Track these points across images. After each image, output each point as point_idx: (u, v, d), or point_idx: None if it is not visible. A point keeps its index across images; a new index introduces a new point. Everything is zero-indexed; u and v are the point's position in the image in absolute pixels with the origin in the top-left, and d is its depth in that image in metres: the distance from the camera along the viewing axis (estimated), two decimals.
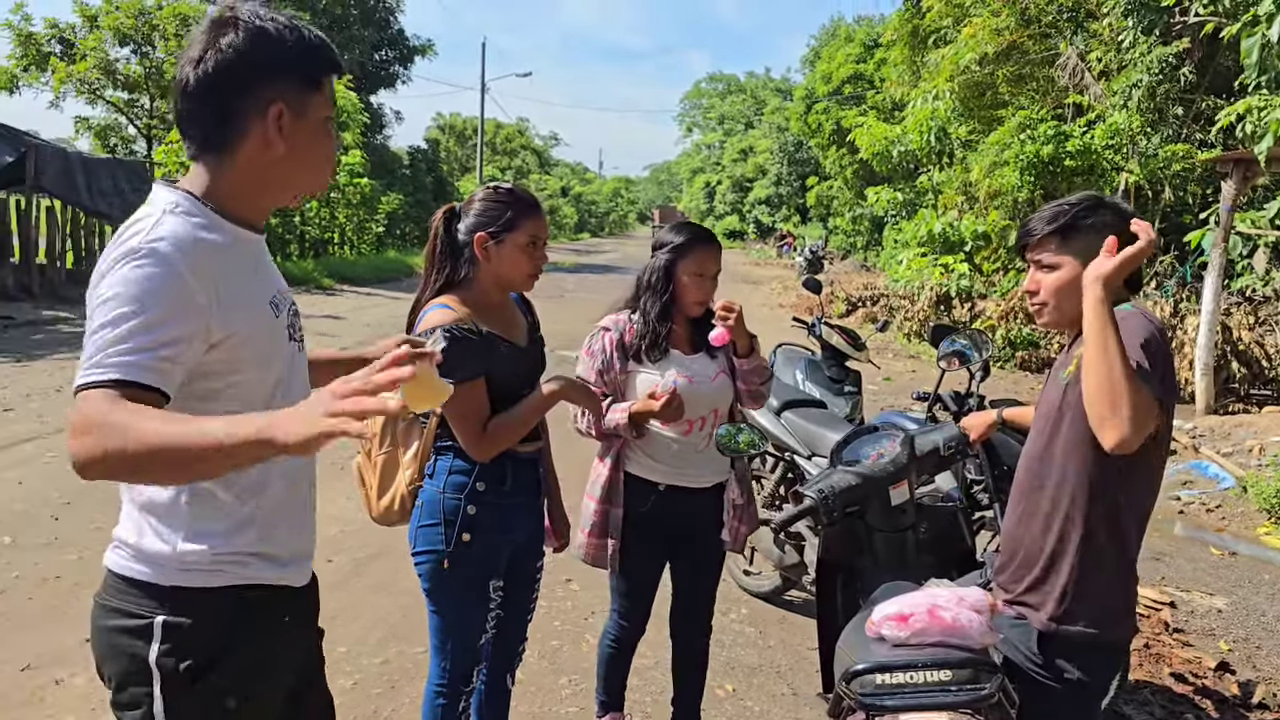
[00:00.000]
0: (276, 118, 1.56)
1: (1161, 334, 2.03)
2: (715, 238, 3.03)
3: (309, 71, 1.61)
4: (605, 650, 3.22)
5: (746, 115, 69.79)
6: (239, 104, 1.55)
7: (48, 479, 6.05)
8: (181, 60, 1.57)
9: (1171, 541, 6.03)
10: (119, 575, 1.61)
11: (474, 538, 2.49)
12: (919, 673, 2.01)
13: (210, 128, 1.57)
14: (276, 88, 1.56)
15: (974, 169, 14.86)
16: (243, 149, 1.58)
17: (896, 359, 13.09)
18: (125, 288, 1.41)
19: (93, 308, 1.43)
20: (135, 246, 1.45)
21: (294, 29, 1.59)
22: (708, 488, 3.03)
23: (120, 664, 1.60)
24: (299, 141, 1.60)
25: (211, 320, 1.49)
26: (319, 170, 1.68)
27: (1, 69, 22.23)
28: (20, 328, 12.41)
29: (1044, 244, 2.17)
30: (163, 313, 1.42)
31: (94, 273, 1.48)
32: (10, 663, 3.74)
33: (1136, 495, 2.11)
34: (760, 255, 43.42)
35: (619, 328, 2.98)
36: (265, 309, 1.64)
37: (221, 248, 1.55)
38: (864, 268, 27.77)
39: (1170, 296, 11.52)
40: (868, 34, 33.48)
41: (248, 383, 1.60)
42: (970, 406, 4.27)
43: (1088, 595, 2.10)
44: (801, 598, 4.75)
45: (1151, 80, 11.69)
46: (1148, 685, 3.95)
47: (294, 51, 1.58)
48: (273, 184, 1.64)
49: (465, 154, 46.65)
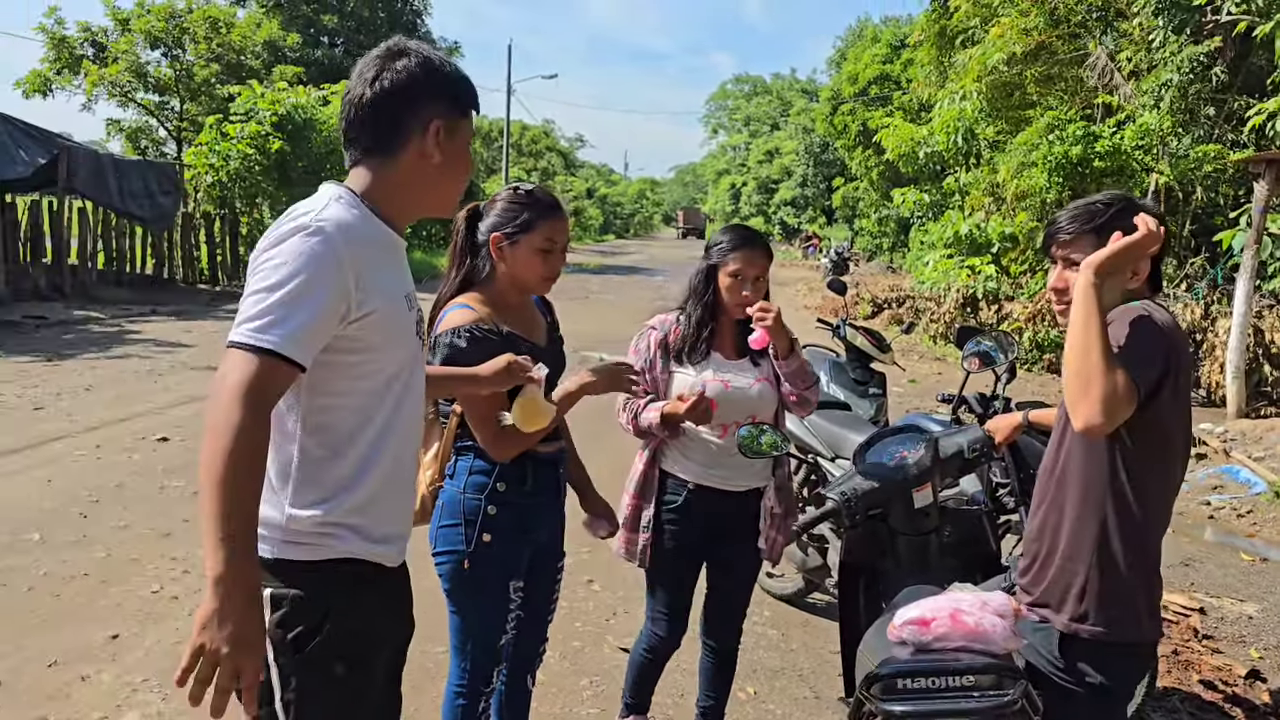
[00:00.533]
0: (436, 133, 1.80)
1: (1163, 328, 2.00)
2: (759, 241, 2.99)
3: (462, 101, 1.86)
4: (638, 657, 3.21)
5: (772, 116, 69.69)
6: (407, 117, 1.79)
7: (77, 477, 6.12)
8: (353, 81, 1.81)
9: (1202, 547, 5.94)
10: None
11: (494, 538, 2.49)
12: (941, 678, 1.99)
13: (379, 135, 1.80)
14: (437, 108, 1.81)
15: (1001, 170, 14.74)
16: (404, 155, 1.80)
17: (922, 361, 13.00)
18: (292, 257, 1.60)
19: (261, 268, 1.61)
20: (306, 223, 1.64)
21: (452, 65, 1.87)
22: (741, 491, 3.00)
23: None
24: (449, 156, 1.83)
25: (353, 298, 1.66)
26: (458, 183, 1.91)
27: (35, 72, 22.58)
28: (52, 327, 12.58)
29: (1078, 242, 2.16)
30: (319, 284, 1.60)
31: (262, 240, 1.67)
32: (37, 659, 3.78)
33: (1151, 495, 2.08)
34: (785, 257, 43.26)
35: (664, 328, 3.01)
36: (401, 300, 1.81)
37: (371, 239, 1.75)
38: (890, 269, 27.63)
39: (1201, 299, 11.36)
40: (894, 35, 33.28)
41: (373, 364, 1.74)
42: (996, 409, 4.22)
43: (1106, 597, 2.08)
44: (825, 601, 4.72)
45: (1182, 80, 11.54)
46: (1176, 692, 3.90)
47: (452, 82, 1.84)
48: (422, 189, 1.85)
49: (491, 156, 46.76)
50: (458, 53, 34.10)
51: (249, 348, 1.54)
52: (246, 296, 1.60)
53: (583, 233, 57.62)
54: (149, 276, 18.05)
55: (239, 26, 24.88)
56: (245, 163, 18.82)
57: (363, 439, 1.74)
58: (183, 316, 14.55)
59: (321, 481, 1.72)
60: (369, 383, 1.74)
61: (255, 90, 20.09)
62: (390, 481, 1.81)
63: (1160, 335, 1.99)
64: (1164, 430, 2.03)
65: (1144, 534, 2.09)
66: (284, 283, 1.58)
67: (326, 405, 1.71)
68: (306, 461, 1.71)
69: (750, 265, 2.90)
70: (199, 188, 19.67)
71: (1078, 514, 2.11)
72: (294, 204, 1.75)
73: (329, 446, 1.72)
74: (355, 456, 1.74)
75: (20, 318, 12.84)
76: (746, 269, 2.90)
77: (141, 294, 16.56)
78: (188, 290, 18.05)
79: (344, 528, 1.73)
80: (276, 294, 1.57)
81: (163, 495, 5.88)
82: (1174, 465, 2.11)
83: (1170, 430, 2.05)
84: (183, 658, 1.48)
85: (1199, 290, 11.59)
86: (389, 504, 1.82)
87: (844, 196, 36.58)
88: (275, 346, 1.54)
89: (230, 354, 1.55)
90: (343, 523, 1.73)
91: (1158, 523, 2.12)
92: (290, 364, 1.56)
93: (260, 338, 1.54)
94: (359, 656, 1.77)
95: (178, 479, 6.19)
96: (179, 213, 18.47)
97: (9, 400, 8.14)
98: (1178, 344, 2.03)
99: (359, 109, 1.79)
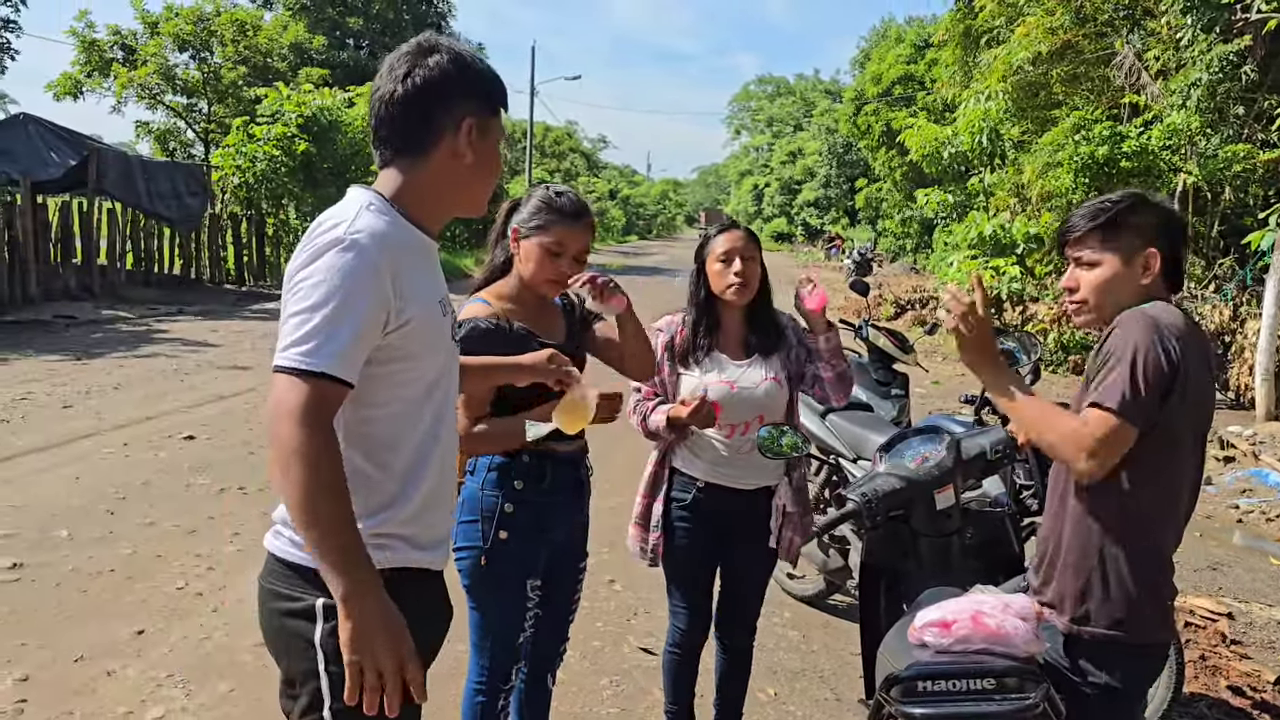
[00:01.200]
0: (468, 131, 1.76)
1: (1168, 335, 1.96)
2: (738, 224, 3.02)
3: (494, 98, 1.82)
4: (665, 657, 3.21)
5: (795, 117, 69.48)
6: (439, 115, 1.75)
7: (104, 474, 6.19)
8: (383, 77, 1.76)
9: (1230, 551, 5.87)
10: (280, 560, 1.72)
11: (511, 536, 2.50)
12: (961, 680, 1.98)
13: (410, 134, 1.76)
14: (469, 106, 1.77)
15: (1026, 170, 14.61)
16: (435, 154, 1.76)
17: (945, 362, 12.92)
18: (331, 275, 1.58)
19: (299, 286, 1.59)
20: (340, 236, 1.60)
21: (483, 61, 1.82)
22: (750, 490, 3.01)
23: (287, 643, 1.71)
24: (481, 155, 1.80)
25: (392, 308, 1.65)
26: (488, 183, 1.87)
27: (65, 75, 22.85)
28: (81, 327, 12.73)
29: (1085, 240, 2.15)
30: (361, 299, 1.59)
31: (296, 255, 1.64)
32: (64, 654, 3.82)
33: (1158, 495, 2.06)
34: (808, 258, 43.15)
35: (670, 329, 3.02)
36: (435, 306, 1.78)
37: (405, 244, 1.72)
38: (913, 270, 27.47)
39: (1230, 300, 11.23)
40: (918, 34, 33.09)
41: (413, 371, 1.73)
42: None
43: (1110, 597, 2.06)
44: (846, 602, 4.70)
45: (1211, 79, 11.39)
46: (1203, 698, 3.85)
47: (484, 79, 1.81)
48: (453, 189, 1.81)
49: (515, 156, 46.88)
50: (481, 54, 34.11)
51: (300, 373, 1.54)
52: (289, 317, 1.59)
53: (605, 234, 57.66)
54: (176, 277, 18.26)
55: (266, 29, 25.08)
56: (271, 164, 18.98)
57: (408, 447, 1.74)
58: (209, 316, 14.69)
59: (370, 493, 1.70)
60: (410, 390, 1.73)
61: (281, 92, 20.25)
62: (436, 489, 1.80)
63: (1161, 352, 1.94)
64: (1171, 434, 2.01)
65: (1150, 534, 2.07)
66: (325, 302, 1.56)
67: (369, 416, 1.70)
68: (354, 474, 1.67)
69: (733, 244, 2.90)
70: (226, 189, 19.85)
71: (1081, 514, 2.10)
72: (320, 208, 1.71)
73: (374, 458, 1.71)
74: (401, 467, 1.73)
75: (51, 317, 13.01)
76: (730, 249, 2.90)
77: (169, 294, 16.73)
78: (214, 290, 18.22)
79: (395, 538, 1.73)
80: (319, 314, 1.56)
81: (188, 493, 5.94)
82: (1183, 465, 2.08)
83: (1178, 433, 2.02)
84: (348, 680, 1.56)
85: (1228, 291, 11.45)
86: (436, 511, 1.82)
87: (867, 197, 36.43)
88: (327, 369, 1.54)
89: (280, 380, 1.55)
90: (394, 533, 1.73)
91: (1166, 523, 2.09)
92: (342, 384, 1.57)
93: (310, 361, 1.54)
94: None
95: (203, 477, 6.25)
96: (206, 214, 18.66)
97: (39, 398, 8.24)
98: (1189, 346, 1.98)
99: (389, 106, 1.75)
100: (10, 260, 13.45)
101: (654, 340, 2.98)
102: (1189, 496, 2.14)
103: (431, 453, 1.77)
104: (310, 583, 1.66)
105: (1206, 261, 12.61)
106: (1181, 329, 2.00)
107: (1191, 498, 2.15)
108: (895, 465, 2.66)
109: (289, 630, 1.69)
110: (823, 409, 4.62)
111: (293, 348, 1.55)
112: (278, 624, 1.71)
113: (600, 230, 54.57)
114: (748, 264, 2.90)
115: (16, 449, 6.67)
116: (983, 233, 14.49)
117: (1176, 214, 2.16)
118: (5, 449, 6.65)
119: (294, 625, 1.68)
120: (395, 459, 1.72)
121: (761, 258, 2.99)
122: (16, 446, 6.72)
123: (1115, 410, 1.93)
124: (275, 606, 1.71)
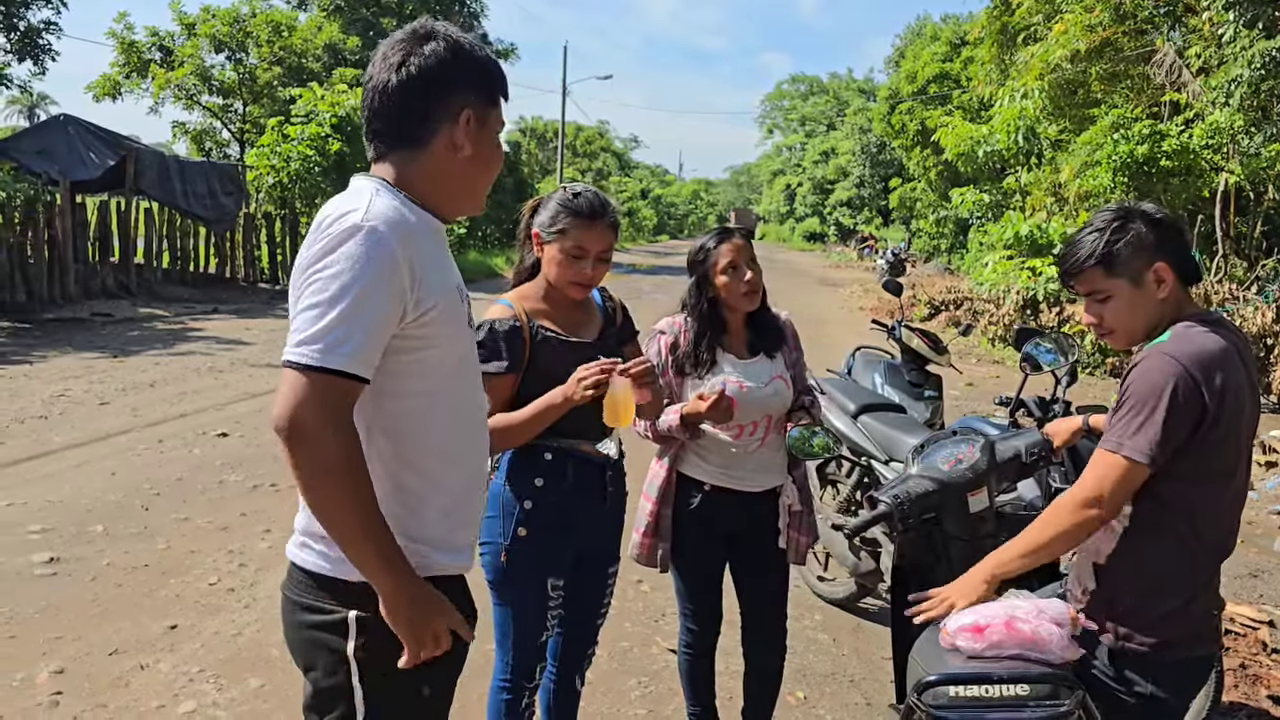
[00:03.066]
0: (467, 122, 1.69)
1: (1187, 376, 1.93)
2: (733, 231, 2.98)
3: (494, 88, 1.74)
4: (681, 660, 3.18)
5: (828, 116, 69.08)
6: (436, 106, 1.67)
7: (139, 470, 6.26)
8: (376, 66, 1.69)
9: (1271, 558, 5.75)
10: (307, 571, 1.67)
11: (530, 533, 2.49)
12: (994, 687, 1.94)
13: (406, 125, 1.68)
14: (467, 96, 1.69)
15: (1064, 170, 14.45)
16: (433, 147, 1.69)
17: (980, 364, 12.78)
18: (350, 265, 1.51)
19: (316, 277, 1.52)
20: (358, 223, 1.54)
21: (481, 48, 1.74)
22: (758, 492, 2.98)
23: (317, 657, 1.66)
24: (480, 147, 1.72)
25: (410, 298, 1.59)
26: (487, 176, 1.79)
27: (105, 76, 23.18)
28: (118, 324, 12.91)
29: (1088, 277, 2.13)
30: (379, 290, 1.52)
31: (308, 244, 1.58)
32: (99, 647, 3.86)
33: (1196, 509, 2.01)
34: (840, 258, 42.91)
35: (673, 331, 2.98)
36: (454, 292, 1.72)
37: (418, 228, 1.65)
38: (947, 271, 27.21)
39: (1272, 301, 11.02)
40: (954, 32, 32.78)
41: (435, 359, 1.67)
42: (1056, 413, 4.12)
43: (1155, 608, 2.03)
44: (877, 605, 4.66)
45: (1254, 76, 11.18)
46: (1244, 707, 3.77)
47: (483, 67, 1.73)
48: (451, 184, 1.73)
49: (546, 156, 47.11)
50: (514, 55, 34.28)
51: (316, 369, 1.48)
52: (302, 309, 1.52)
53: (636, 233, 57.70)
54: (211, 275, 18.48)
55: (300, 30, 25.30)
56: (305, 164, 19.13)
57: (433, 441, 1.68)
58: (244, 315, 14.85)
59: (397, 494, 1.65)
60: (431, 381, 1.67)
61: (315, 92, 20.41)
62: (465, 487, 1.76)
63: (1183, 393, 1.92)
64: (1209, 454, 1.97)
65: (1191, 547, 2.03)
66: (342, 294, 1.50)
67: (393, 410, 1.64)
68: (380, 470, 1.62)
69: (737, 252, 2.88)
70: (260, 188, 20.03)
71: (1122, 527, 2.06)
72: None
73: (400, 457, 1.66)
74: (427, 462, 1.68)
75: (89, 315, 13.21)
76: (736, 256, 2.88)
77: (204, 292, 16.93)
78: (249, 289, 18.41)
79: (426, 544, 1.68)
80: (336, 308, 1.49)
81: (221, 489, 6.00)
82: (1226, 480, 2.04)
83: (1216, 451, 1.98)
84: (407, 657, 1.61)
85: (1270, 293, 11.24)
86: (465, 510, 1.78)
87: (901, 197, 36.14)
88: (343, 366, 1.49)
89: (291, 376, 1.49)
90: (424, 539, 1.68)
91: (1208, 535, 2.04)
92: (357, 380, 1.52)
93: (326, 358, 1.48)
94: (442, 677, 1.73)
95: (236, 474, 6.31)
96: (241, 213, 18.87)
97: (76, 395, 8.36)
98: (1218, 368, 1.95)
99: (384, 97, 1.67)
100: (49, 259, 13.66)
101: (656, 341, 2.97)
102: (1237, 506, 2.09)
103: (457, 443, 1.73)
104: (341, 596, 1.62)
105: (1249, 262, 12.40)
106: (1207, 356, 1.95)
107: (1239, 506, 2.10)
108: (928, 467, 2.62)
109: (319, 643, 1.65)
110: (855, 409, 4.58)
111: (308, 344, 1.49)
112: (307, 636, 1.67)
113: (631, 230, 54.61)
114: (753, 270, 2.90)
115: (55, 445, 6.77)
116: (1019, 233, 14.33)
117: (1166, 216, 2.11)
118: (44, 445, 6.75)
119: (324, 639, 1.64)
120: (420, 455, 1.67)
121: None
122: (55, 442, 6.82)
123: (1124, 455, 1.95)
124: (304, 619, 1.67)
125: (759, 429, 2.92)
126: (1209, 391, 1.93)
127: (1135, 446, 1.93)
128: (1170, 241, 2.08)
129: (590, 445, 2.56)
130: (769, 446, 2.96)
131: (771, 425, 2.94)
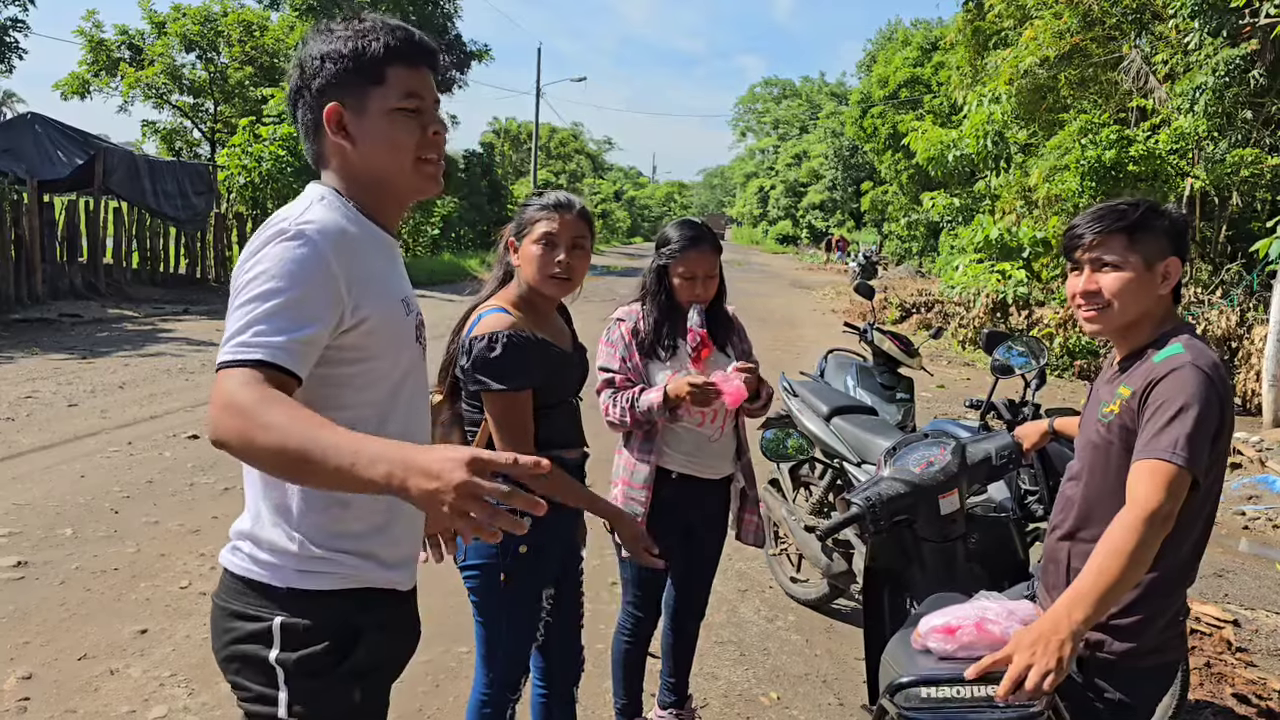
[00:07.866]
0: (334, 119, 1.61)
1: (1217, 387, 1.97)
2: (707, 239, 3.01)
3: (363, 67, 1.59)
4: (621, 647, 3.22)
5: (801, 120, 69.44)
6: (311, 117, 1.63)
7: (108, 473, 6.19)
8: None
9: (1236, 558, 5.85)
10: (237, 576, 1.65)
11: (530, 549, 2.46)
12: (965, 688, 1.96)
13: (310, 142, 1.66)
14: (330, 92, 1.60)
15: (1033, 174, 14.60)
16: (330, 158, 1.65)
17: (951, 366, 12.90)
18: (274, 265, 1.47)
19: (242, 281, 1.49)
20: (285, 228, 1.51)
21: (354, 28, 1.61)
22: (716, 480, 3.11)
23: (242, 664, 1.63)
24: (366, 137, 1.61)
25: (345, 305, 1.53)
26: (401, 158, 1.63)
27: (73, 74, 22.94)
28: (86, 325, 12.76)
29: (1109, 243, 2.09)
30: (307, 292, 1.47)
31: (244, 250, 1.53)
32: (68, 652, 3.82)
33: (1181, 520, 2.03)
34: (813, 260, 43.12)
35: (631, 318, 3.05)
36: (397, 304, 1.67)
37: (360, 239, 1.60)
38: (918, 274, 27.43)
39: (1237, 305, 11.20)
40: (925, 37, 33.08)
41: (375, 372, 1.62)
42: (1025, 415, 4.17)
43: (1125, 617, 2.05)
44: (850, 606, 4.69)
45: (1219, 83, 11.36)
46: (1209, 706, 3.83)
47: (346, 50, 1.59)
48: (369, 185, 1.65)
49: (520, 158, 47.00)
50: (488, 56, 34.15)
51: (238, 363, 1.40)
52: (231, 312, 1.47)
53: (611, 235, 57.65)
54: (182, 276, 18.31)
55: (272, 30, 25.12)
56: (277, 164, 19.00)
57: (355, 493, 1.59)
58: (215, 316, 14.69)
59: (332, 506, 1.61)
60: (372, 394, 1.62)
61: None
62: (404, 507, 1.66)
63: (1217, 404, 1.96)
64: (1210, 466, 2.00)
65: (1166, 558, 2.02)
66: (269, 295, 1.45)
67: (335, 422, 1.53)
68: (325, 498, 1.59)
69: (700, 264, 2.96)
70: (232, 189, 19.88)
71: (1090, 533, 2.09)
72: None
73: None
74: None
75: (57, 316, 13.05)
76: (696, 268, 2.96)
77: (174, 293, 16.78)
78: (219, 290, 18.23)
79: (357, 555, 1.64)
80: (262, 306, 1.44)
81: (192, 492, 5.94)
82: (1209, 490, 2.06)
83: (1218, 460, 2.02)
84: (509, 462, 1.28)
85: (1234, 297, 11.42)
86: (402, 526, 1.72)
87: (873, 200, 36.38)
88: (264, 356, 1.41)
89: (219, 377, 1.41)
90: (356, 550, 1.64)
91: (1184, 546, 2.06)
92: (283, 373, 1.42)
93: (246, 352, 1.41)
94: (374, 683, 1.71)
95: (207, 476, 6.25)
96: (212, 213, 18.71)
97: (44, 396, 8.26)
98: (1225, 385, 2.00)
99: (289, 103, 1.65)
100: (17, 259, 13.48)
101: (617, 329, 3.04)
102: (1210, 512, 2.12)
103: None
104: (269, 600, 1.60)
105: (1213, 267, 12.59)
106: (1221, 369, 2.01)
107: (1212, 515, 2.13)
108: (900, 470, 2.65)
109: (244, 651, 1.62)
110: (828, 411, 4.61)
111: (230, 341, 1.43)
112: (232, 642, 1.64)
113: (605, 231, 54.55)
114: (710, 280, 2.99)
115: (22, 447, 6.68)
116: (989, 236, 14.48)
117: (1188, 222, 2.15)
118: (11, 447, 6.67)
119: (249, 647, 1.61)
120: None
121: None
122: (22, 445, 6.74)
123: (1182, 464, 1.90)
124: (229, 625, 1.64)
125: (718, 417, 3.04)
126: (1225, 404, 1.98)
127: (1187, 457, 1.90)
128: (1185, 248, 2.11)
129: (575, 451, 2.58)
130: (727, 435, 3.10)
131: (730, 414, 3.06)
